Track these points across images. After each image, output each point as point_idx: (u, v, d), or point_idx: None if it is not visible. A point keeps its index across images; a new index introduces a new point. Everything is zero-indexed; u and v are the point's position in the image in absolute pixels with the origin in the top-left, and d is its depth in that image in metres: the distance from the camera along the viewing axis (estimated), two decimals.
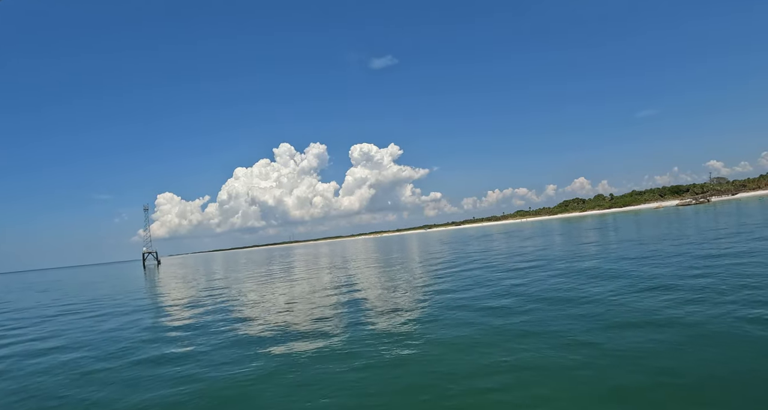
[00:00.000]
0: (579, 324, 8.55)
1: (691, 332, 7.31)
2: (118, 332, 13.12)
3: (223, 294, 20.24)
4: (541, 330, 8.38)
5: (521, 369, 6.58)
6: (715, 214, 41.36)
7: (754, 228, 22.80)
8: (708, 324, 7.61)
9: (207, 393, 6.96)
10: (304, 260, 45.01)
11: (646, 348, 6.81)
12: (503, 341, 8.01)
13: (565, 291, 11.89)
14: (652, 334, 7.42)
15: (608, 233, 34.35)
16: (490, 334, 8.57)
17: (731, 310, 8.17)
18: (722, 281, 10.81)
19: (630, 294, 10.56)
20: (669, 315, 8.41)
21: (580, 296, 11.01)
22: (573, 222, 69.41)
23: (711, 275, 11.66)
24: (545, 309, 10.08)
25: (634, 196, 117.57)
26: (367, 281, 19.92)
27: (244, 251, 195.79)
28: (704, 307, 8.62)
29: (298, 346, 9.10)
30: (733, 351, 6.34)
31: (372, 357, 7.87)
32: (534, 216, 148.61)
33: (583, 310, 9.58)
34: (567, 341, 7.58)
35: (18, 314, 21.35)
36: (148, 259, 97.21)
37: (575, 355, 6.86)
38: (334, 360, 7.88)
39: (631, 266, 14.84)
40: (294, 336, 10.10)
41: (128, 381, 8.03)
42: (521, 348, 7.50)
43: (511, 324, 9.10)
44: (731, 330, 7.14)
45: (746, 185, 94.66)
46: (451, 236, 79.46)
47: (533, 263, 19.11)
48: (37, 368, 9.72)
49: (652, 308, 9.04)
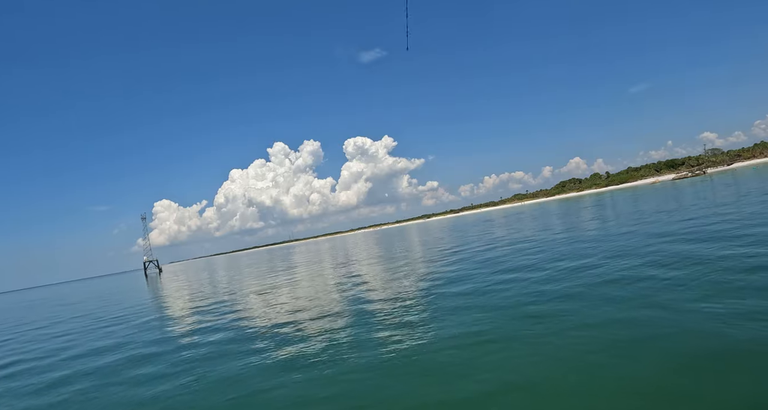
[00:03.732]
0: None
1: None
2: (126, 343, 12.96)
3: (228, 299, 20.08)
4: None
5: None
6: (714, 184, 41.40)
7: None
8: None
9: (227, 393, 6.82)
10: (306, 259, 44.86)
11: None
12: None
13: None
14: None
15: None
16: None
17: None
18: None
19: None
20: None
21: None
22: (571, 202, 69.39)
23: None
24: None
25: (630, 173, 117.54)
26: (373, 275, 19.78)
27: (244, 253, 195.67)
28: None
29: (313, 345, 8.96)
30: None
31: (393, 354, 7.73)
32: (532, 199, 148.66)
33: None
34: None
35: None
36: (150, 268, 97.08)
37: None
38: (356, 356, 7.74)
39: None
40: (311, 335, 9.96)
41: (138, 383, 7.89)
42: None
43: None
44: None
45: (741, 155, 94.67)
46: (452, 223, 79.41)
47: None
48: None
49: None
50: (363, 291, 15.01)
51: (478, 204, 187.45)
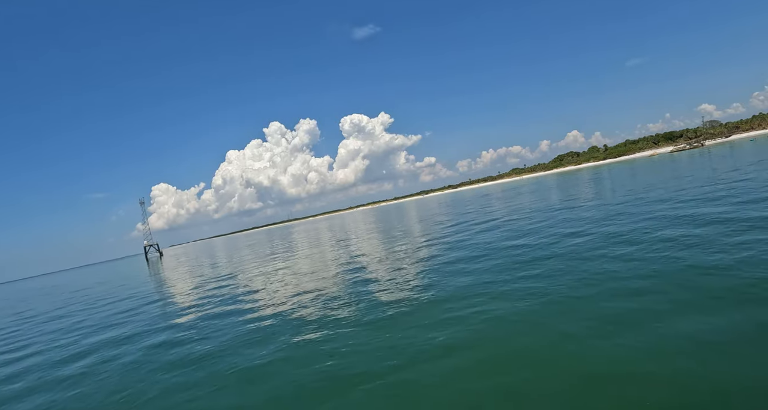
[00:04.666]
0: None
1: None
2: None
3: (230, 280, 20.29)
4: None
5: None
6: (712, 157, 41.34)
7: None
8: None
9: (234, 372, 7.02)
10: (308, 238, 45.12)
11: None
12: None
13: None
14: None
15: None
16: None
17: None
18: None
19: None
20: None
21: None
22: (569, 176, 69.41)
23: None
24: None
25: (628, 145, 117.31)
26: (373, 252, 19.94)
27: (243, 235, 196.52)
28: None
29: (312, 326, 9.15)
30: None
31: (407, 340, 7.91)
32: (530, 173, 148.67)
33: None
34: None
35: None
36: (150, 252, 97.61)
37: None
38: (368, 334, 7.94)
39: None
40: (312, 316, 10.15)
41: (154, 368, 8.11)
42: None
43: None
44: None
45: (739, 127, 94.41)
46: (450, 199, 79.48)
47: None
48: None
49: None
50: (357, 265, 15.19)
51: (476, 179, 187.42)
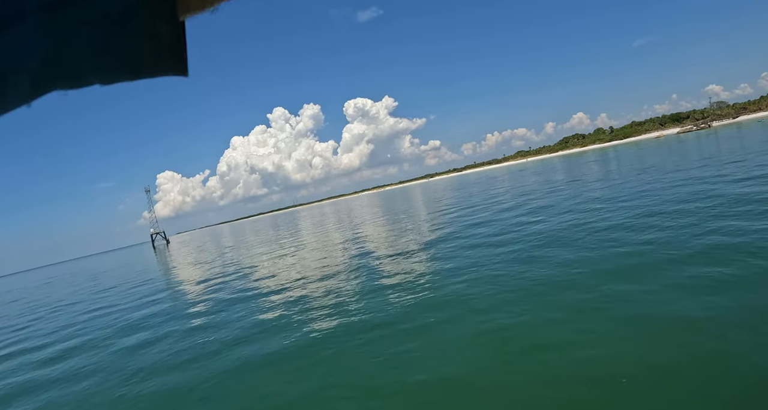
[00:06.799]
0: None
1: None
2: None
3: (238, 266, 20.71)
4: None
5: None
6: (718, 138, 40.92)
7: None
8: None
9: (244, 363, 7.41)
10: (315, 223, 45.53)
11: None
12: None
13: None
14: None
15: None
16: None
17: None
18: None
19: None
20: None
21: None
22: (573, 158, 68.99)
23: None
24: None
25: (634, 127, 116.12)
26: (380, 238, 20.23)
27: (249, 221, 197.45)
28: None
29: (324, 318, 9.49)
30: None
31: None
32: (535, 156, 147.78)
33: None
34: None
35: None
36: (157, 239, 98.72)
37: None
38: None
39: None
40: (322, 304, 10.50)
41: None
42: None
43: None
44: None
45: (747, 108, 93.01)
46: (456, 182, 79.35)
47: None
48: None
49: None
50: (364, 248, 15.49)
51: (481, 162, 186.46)
